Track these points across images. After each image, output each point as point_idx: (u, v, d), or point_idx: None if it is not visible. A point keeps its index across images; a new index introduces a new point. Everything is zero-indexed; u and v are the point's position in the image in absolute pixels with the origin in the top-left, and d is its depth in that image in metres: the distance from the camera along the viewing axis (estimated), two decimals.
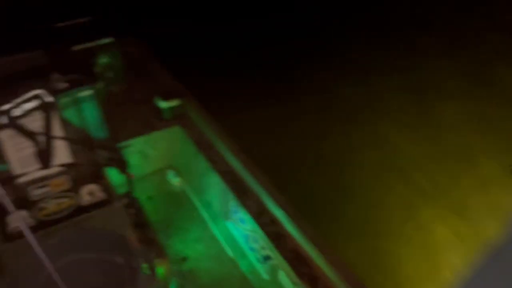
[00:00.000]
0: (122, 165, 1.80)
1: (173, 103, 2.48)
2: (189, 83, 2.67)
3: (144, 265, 1.54)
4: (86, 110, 2.02)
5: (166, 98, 2.48)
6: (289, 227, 1.86)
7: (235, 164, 2.23)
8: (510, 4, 6.32)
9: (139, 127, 2.45)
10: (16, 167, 1.55)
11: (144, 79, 2.76)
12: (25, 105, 1.48)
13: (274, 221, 1.94)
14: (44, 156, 1.54)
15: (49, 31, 2.47)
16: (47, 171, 1.60)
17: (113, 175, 1.83)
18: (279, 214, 1.94)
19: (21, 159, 1.55)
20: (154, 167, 2.56)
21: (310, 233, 1.80)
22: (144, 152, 2.48)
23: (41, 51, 1.79)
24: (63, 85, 1.62)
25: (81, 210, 1.66)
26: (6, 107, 1.45)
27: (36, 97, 1.50)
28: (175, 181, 2.52)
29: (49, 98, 1.52)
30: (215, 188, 2.28)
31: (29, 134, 1.50)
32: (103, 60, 2.46)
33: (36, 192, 1.60)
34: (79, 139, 1.65)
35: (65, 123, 1.64)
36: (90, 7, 2.89)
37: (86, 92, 2.07)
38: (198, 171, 2.40)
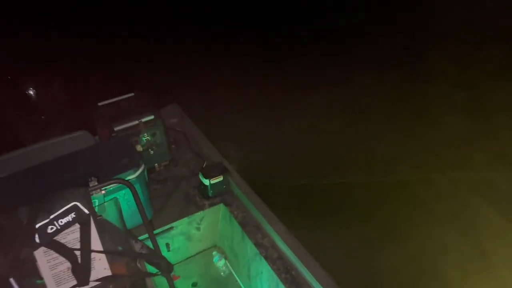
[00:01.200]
0: (167, 269, 1.66)
1: (217, 179, 2.35)
2: None
3: None
4: (128, 196, 1.94)
5: (209, 174, 2.35)
6: None
7: (285, 250, 2.04)
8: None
9: (183, 207, 2.32)
10: (51, 284, 1.45)
11: (185, 153, 2.66)
12: (61, 220, 1.39)
13: None
14: (81, 272, 1.43)
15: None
16: None
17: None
18: None
19: (56, 275, 1.44)
20: (198, 248, 2.42)
21: None
22: (188, 233, 2.34)
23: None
24: (100, 191, 1.52)
25: None
26: (41, 223, 1.37)
27: (72, 209, 1.41)
28: (220, 264, 2.36)
29: (85, 210, 1.42)
30: (264, 275, 2.09)
31: (64, 250, 1.40)
32: (145, 138, 2.39)
33: None
34: (118, 251, 1.53)
35: (104, 230, 1.53)
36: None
37: (130, 176, 2.00)
38: (245, 255, 2.22)
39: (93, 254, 1.46)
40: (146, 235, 1.93)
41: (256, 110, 4.74)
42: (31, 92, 3.65)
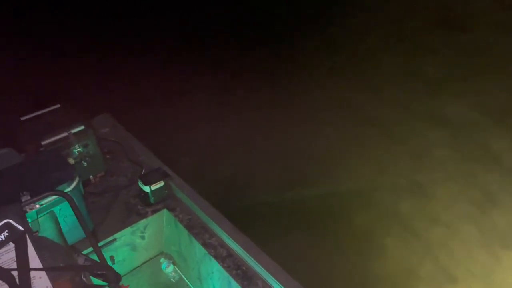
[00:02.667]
0: (114, 279, 1.59)
1: (158, 185, 2.30)
2: None
3: None
4: (64, 211, 1.84)
5: (149, 180, 2.30)
6: None
7: (234, 246, 2.05)
8: None
9: (124, 218, 2.25)
10: None
11: (122, 162, 2.58)
12: None
13: None
14: None
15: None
16: None
17: None
18: None
19: None
20: (144, 257, 2.35)
21: None
22: (133, 243, 2.27)
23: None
24: (34, 206, 1.43)
25: None
26: None
27: (4, 227, 1.31)
28: (169, 270, 2.31)
29: (19, 227, 1.32)
30: (216, 275, 2.08)
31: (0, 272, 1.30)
32: (77, 150, 2.28)
33: None
34: (59, 267, 1.44)
35: (43, 246, 1.44)
36: None
37: (64, 190, 1.89)
38: (193, 257, 2.20)
39: (32, 273, 1.37)
40: (90, 249, 1.85)
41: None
42: None
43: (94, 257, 1.64)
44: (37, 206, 1.45)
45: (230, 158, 4.23)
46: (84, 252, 1.87)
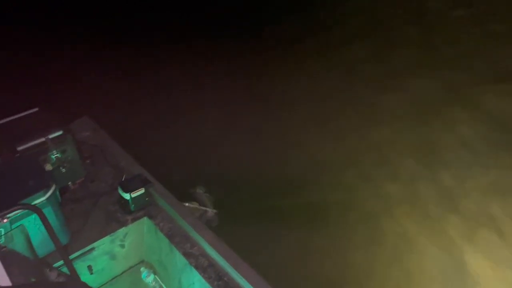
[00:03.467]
0: None
1: (138, 192, 2.24)
2: None
3: None
4: (39, 221, 1.77)
5: (129, 187, 2.23)
6: None
7: (216, 256, 2.00)
8: None
9: (103, 226, 2.18)
10: None
11: (104, 169, 2.51)
12: None
13: None
14: None
15: None
16: None
17: None
18: None
19: None
20: (124, 267, 2.29)
21: None
22: (112, 252, 2.20)
23: None
24: (2, 221, 1.37)
25: None
26: None
27: None
28: (150, 279, 2.25)
29: None
30: (196, 285, 2.03)
31: None
32: (55, 155, 2.21)
33: None
34: (29, 284, 1.38)
35: (11, 263, 1.37)
36: None
37: (39, 199, 1.84)
38: (174, 267, 2.14)
39: None
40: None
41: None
42: None
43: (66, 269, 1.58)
44: (5, 220, 1.39)
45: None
46: (59, 263, 1.81)
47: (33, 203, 1.76)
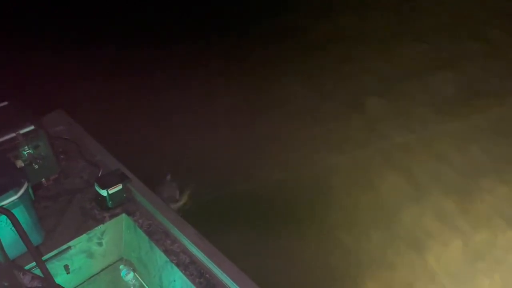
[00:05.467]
0: None
1: (116, 188, 2.17)
2: None
3: None
4: (10, 222, 1.69)
5: (107, 183, 2.16)
6: None
7: (197, 253, 1.96)
8: None
9: (80, 223, 2.11)
10: None
11: (79, 164, 2.42)
12: None
13: None
14: None
15: None
16: None
17: None
18: None
19: None
20: (103, 265, 2.22)
21: None
22: (89, 250, 2.14)
23: None
24: None
25: None
26: None
27: None
28: (129, 277, 2.19)
29: None
30: (178, 283, 1.98)
31: None
32: (26, 151, 2.11)
33: None
34: None
35: None
36: None
37: (11, 198, 1.75)
38: (155, 264, 2.09)
39: None
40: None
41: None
42: None
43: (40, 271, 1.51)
44: None
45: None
46: (31, 265, 1.74)
47: (4, 203, 1.68)
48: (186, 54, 5.63)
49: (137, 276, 2.22)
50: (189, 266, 1.93)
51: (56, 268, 1.99)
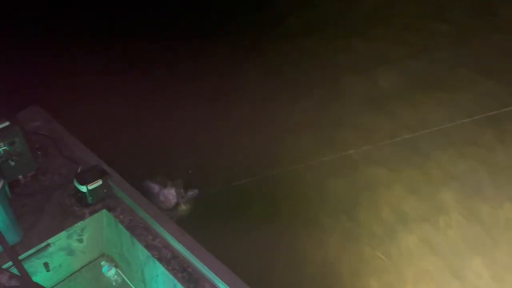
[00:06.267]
0: None
1: (96, 184, 2.14)
2: None
3: None
4: None
5: (86, 179, 2.13)
6: None
7: (179, 248, 1.96)
8: None
9: (59, 220, 2.08)
10: None
11: (56, 160, 2.38)
12: None
13: None
14: None
15: None
16: None
17: None
18: None
19: None
20: (83, 261, 2.20)
21: None
22: (70, 247, 2.11)
23: None
24: None
25: None
26: None
27: None
28: (111, 273, 2.18)
29: None
30: (160, 278, 1.98)
31: None
32: (2, 148, 2.06)
33: None
34: None
35: None
36: None
37: None
38: (136, 260, 2.08)
39: None
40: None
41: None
42: None
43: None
44: None
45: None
46: (9, 264, 1.71)
47: None
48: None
49: (119, 271, 2.20)
50: (171, 261, 1.93)
51: (35, 266, 1.96)
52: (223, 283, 1.77)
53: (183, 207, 3.54)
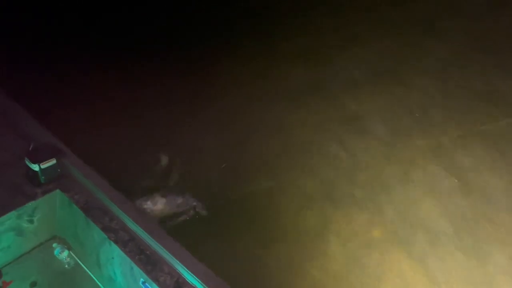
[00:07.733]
0: None
1: (49, 163, 2.05)
2: None
3: None
4: None
5: (39, 158, 2.04)
6: None
7: (137, 230, 1.92)
8: None
9: (8, 199, 1.98)
10: None
11: (7, 136, 2.26)
12: None
13: None
14: None
15: None
16: None
17: None
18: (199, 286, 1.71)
19: None
20: (34, 243, 2.11)
21: None
22: (19, 228, 2.02)
23: None
24: None
25: None
26: None
27: None
28: (63, 255, 2.10)
29: None
30: (116, 260, 1.93)
31: None
32: None
33: None
34: None
35: None
36: None
37: None
38: (91, 242, 2.02)
39: None
40: None
41: None
42: None
43: None
44: None
45: None
46: None
47: None
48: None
49: (72, 254, 2.13)
50: (128, 243, 1.89)
51: None
52: (181, 265, 1.76)
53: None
